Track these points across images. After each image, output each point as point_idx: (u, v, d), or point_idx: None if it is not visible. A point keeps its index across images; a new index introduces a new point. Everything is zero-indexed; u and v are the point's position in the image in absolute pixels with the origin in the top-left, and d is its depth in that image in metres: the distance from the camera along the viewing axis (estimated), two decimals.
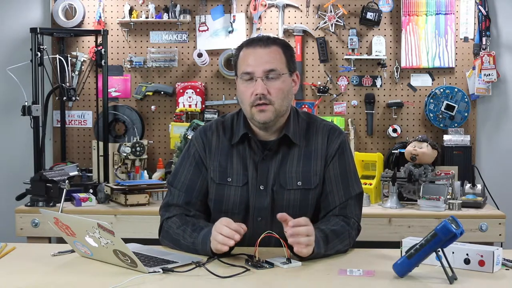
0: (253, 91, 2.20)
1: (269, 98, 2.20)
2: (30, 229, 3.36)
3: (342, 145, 2.31)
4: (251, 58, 2.22)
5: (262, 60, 2.20)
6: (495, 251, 1.94)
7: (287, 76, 2.25)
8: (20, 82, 3.69)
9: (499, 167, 4.01)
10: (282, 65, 2.23)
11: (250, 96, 2.21)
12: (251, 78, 2.21)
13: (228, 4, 4.02)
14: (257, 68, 2.20)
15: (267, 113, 2.21)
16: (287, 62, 2.25)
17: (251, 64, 2.21)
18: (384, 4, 3.97)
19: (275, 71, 2.21)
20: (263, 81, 2.19)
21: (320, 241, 2.08)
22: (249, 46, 2.25)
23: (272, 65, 2.21)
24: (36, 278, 1.92)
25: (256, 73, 2.20)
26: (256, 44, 2.23)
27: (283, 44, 2.28)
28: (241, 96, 2.25)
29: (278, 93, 2.21)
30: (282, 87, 2.22)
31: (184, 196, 2.31)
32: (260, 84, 2.19)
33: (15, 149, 4.09)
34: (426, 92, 3.99)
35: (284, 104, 2.24)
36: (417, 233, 3.07)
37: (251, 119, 2.26)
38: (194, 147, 2.36)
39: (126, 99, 4.08)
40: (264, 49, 2.22)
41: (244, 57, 2.24)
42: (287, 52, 2.27)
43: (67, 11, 4.02)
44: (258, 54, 2.21)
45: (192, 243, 2.16)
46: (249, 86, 2.21)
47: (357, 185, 2.32)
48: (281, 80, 2.22)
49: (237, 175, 2.29)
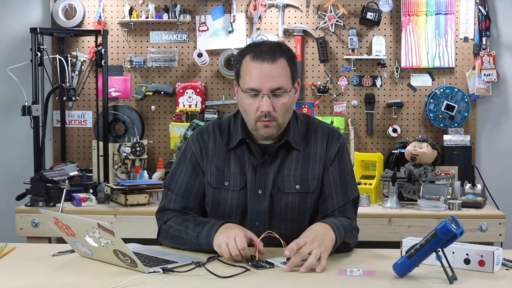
0: (258, 107, 2.16)
1: (273, 115, 2.17)
2: (30, 229, 3.36)
3: (341, 148, 2.31)
4: (257, 73, 2.15)
5: (268, 77, 2.15)
6: (495, 251, 1.94)
7: (292, 91, 2.21)
8: (20, 82, 3.69)
9: (499, 167, 4.01)
10: (287, 80, 2.18)
11: (255, 111, 2.17)
12: (257, 95, 2.17)
13: (228, 4, 4.02)
14: (264, 85, 2.15)
15: (271, 129, 2.20)
16: (291, 74, 2.20)
17: (257, 80, 2.15)
18: (384, 4, 3.97)
19: (281, 89, 2.16)
20: (269, 98, 2.16)
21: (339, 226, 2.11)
22: (255, 59, 2.16)
23: (279, 82, 2.15)
24: (36, 278, 1.92)
25: (262, 90, 2.15)
26: (264, 59, 2.15)
27: (288, 55, 2.21)
28: (245, 108, 2.21)
29: (282, 109, 2.18)
30: (287, 102, 2.19)
31: (181, 200, 2.29)
32: (266, 102, 2.15)
33: (15, 149, 4.09)
34: (426, 92, 3.99)
35: (286, 117, 2.23)
36: (417, 233, 3.07)
37: (254, 131, 2.24)
38: (190, 150, 2.33)
39: (126, 99, 4.08)
40: (271, 65, 2.15)
41: (249, 69, 2.17)
42: (291, 62, 2.21)
43: (67, 11, 4.02)
44: (265, 71, 2.15)
45: (196, 237, 2.15)
46: (255, 101, 2.17)
47: (354, 189, 2.32)
48: (286, 97, 2.18)
49: (234, 179, 2.27)
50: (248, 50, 2.21)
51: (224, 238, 2.05)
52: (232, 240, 2.02)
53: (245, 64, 2.19)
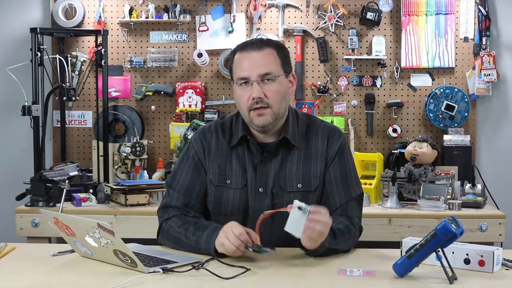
0: (249, 95, 2.20)
1: (266, 101, 2.20)
2: (30, 229, 3.36)
3: (342, 146, 2.32)
4: (246, 62, 2.22)
5: (256, 64, 2.20)
6: (495, 251, 1.94)
7: (283, 78, 2.24)
8: (20, 82, 3.69)
9: (499, 167, 4.01)
10: (277, 67, 2.23)
11: (247, 100, 2.21)
12: (247, 83, 2.21)
13: (228, 4, 4.02)
14: (252, 72, 2.20)
15: (266, 117, 2.21)
16: (282, 63, 2.24)
17: (246, 69, 2.21)
18: (384, 4, 3.97)
19: (270, 74, 2.20)
20: (259, 84, 2.19)
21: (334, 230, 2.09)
22: (242, 50, 2.24)
23: (267, 68, 2.20)
24: (36, 278, 1.92)
25: (251, 77, 2.20)
26: (250, 48, 2.23)
27: (277, 46, 2.27)
28: (238, 101, 2.25)
29: (275, 96, 2.21)
30: (279, 89, 2.22)
31: (182, 198, 2.30)
32: (256, 88, 2.19)
33: (15, 149, 4.09)
34: (426, 92, 3.99)
35: (282, 106, 2.24)
36: (417, 233, 3.07)
37: (250, 123, 2.26)
38: (193, 149, 2.35)
39: (126, 99, 4.09)
40: (258, 52, 2.21)
41: (238, 61, 2.24)
42: (281, 53, 2.26)
43: (67, 11, 4.02)
44: (252, 58, 2.21)
45: (196, 241, 2.16)
46: (246, 91, 2.21)
47: (357, 187, 2.32)
48: (277, 82, 2.21)
49: (236, 177, 2.29)
50: (238, 46, 2.29)
51: (223, 237, 2.07)
52: (230, 233, 2.05)
53: (235, 58, 2.26)
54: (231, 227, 2.08)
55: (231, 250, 2.04)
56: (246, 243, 2.03)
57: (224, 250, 2.06)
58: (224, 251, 2.06)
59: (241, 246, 2.03)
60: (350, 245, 2.21)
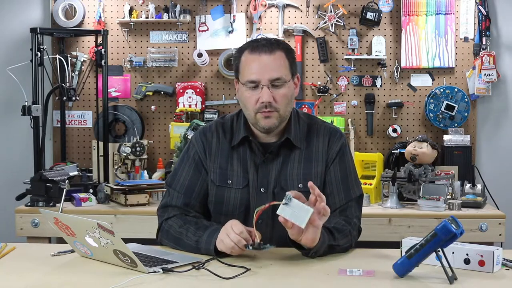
0: (258, 99, 2.19)
1: (274, 105, 2.20)
2: (30, 229, 3.36)
3: (343, 147, 2.32)
4: (256, 65, 2.20)
5: (267, 68, 2.19)
6: (495, 251, 1.94)
7: (291, 82, 2.25)
8: (20, 82, 3.69)
9: (499, 167, 4.01)
10: (286, 71, 2.22)
11: (255, 103, 2.20)
12: (257, 86, 2.20)
13: (228, 4, 4.02)
14: (263, 76, 2.19)
15: (272, 119, 2.22)
16: (290, 66, 2.24)
17: (256, 72, 2.19)
18: (384, 4, 3.97)
19: (280, 79, 2.20)
20: (269, 89, 2.19)
21: (323, 233, 2.08)
22: (253, 52, 2.22)
23: (278, 73, 2.20)
24: (36, 278, 1.92)
25: (262, 81, 2.19)
26: (261, 51, 2.21)
27: (286, 48, 2.26)
28: (245, 102, 2.24)
29: (283, 100, 2.21)
30: (287, 93, 2.22)
31: (183, 197, 2.30)
32: (266, 92, 2.18)
33: (15, 149, 4.09)
34: (426, 92, 3.99)
35: (288, 109, 2.25)
36: (417, 233, 3.06)
37: (255, 124, 2.26)
38: (194, 149, 2.35)
39: (126, 99, 4.08)
40: (269, 56, 2.20)
41: (248, 63, 2.22)
42: (289, 56, 2.25)
43: (67, 11, 4.02)
44: (263, 62, 2.20)
45: (196, 241, 2.16)
46: (254, 93, 2.20)
47: (357, 188, 2.33)
48: (286, 87, 2.22)
49: (237, 177, 2.29)
50: (246, 45, 2.28)
51: (223, 234, 2.08)
52: (230, 230, 2.06)
53: (244, 58, 2.24)
54: (232, 224, 2.09)
55: (230, 246, 2.04)
56: (247, 241, 2.04)
57: (223, 246, 2.06)
58: (223, 248, 2.06)
59: (240, 243, 2.03)
60: (348, 243, 2.21)
